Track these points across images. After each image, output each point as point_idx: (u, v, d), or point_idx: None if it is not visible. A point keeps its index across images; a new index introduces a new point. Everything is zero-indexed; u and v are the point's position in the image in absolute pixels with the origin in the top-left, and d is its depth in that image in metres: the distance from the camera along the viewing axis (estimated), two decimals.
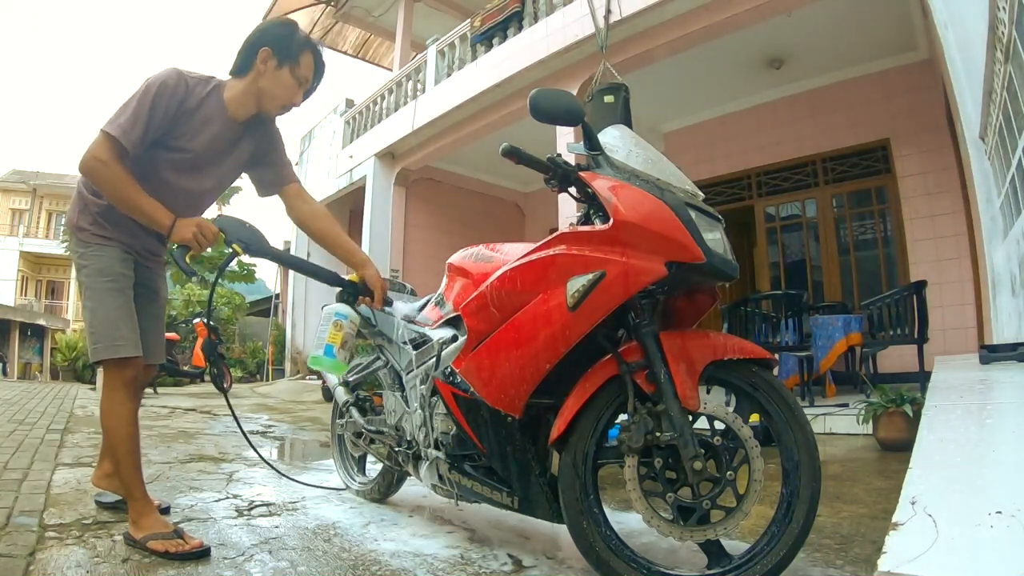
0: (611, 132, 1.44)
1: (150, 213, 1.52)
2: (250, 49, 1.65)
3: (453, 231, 9.21)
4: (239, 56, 1.67)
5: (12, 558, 1.41)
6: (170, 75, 1.57)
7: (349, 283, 1.76)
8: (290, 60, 1.65)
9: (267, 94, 1.67)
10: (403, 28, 9.48)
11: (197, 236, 1.52)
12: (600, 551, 1.27)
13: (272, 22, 1.71)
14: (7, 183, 25.19)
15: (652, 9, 5.05)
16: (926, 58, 5.71)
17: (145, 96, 1.51)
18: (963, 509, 0.93)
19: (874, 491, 2.22)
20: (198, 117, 1.61)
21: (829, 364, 4.39)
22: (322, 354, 1.66)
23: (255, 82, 1.66)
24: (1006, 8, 2.45)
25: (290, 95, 1.69)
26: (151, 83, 1.54)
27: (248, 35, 1.67)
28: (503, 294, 1.39)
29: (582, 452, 1.32)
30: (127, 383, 1.59)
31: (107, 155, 1.47)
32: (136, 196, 1.51)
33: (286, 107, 1.71)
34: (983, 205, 3.43)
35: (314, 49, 1.71)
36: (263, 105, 1.69)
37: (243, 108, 1.68)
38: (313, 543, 1.65)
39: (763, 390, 1.31)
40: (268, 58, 1.64)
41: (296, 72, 1.67)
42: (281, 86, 1.66)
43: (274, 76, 1.65)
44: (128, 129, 1.48)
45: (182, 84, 1.57)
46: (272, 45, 1.63)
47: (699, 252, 1.24)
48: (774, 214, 6.99)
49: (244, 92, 1.66)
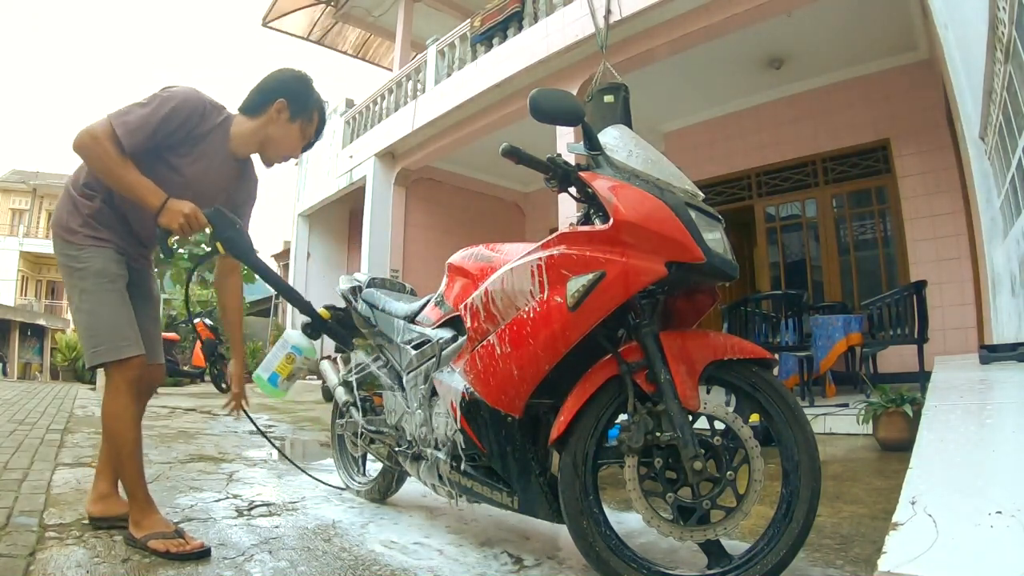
0: (611, 132, 1.44)
1: (140, 191, 1.49)
2: (267, 94, 1.66)
3: (453, 231, 9.21)
4: (254, 96, 1.68)
5: (12, 558, 1.41)
6: (192, 94, 1.57)
7: (319, 317, 1.72)
8: (303, 116, 1.70)
9: (273, 142, 1.69)
10: (403, 28, 9.49)
11: (183, 225, 1.50)
12: (600, 551, 1.27)
13: (293, 74, 1.73)
14: (7, 183, 25.20)
15: (652, 9, 5.05)
16: (926, 58, 5.70)
17: (162, 106, 1.50)
18: (963, 509, 0.93)
19: (874, 491, 2.22)
20: (202, 145, 1.61)
21: (829, 364, 4.39)
22: (266, 378, 1.64)
23: (264, 127, 1.67)
24: (1006, 8, 2.45)
25: (294, 148, 1.73)
26: (173, 95, 1.53)
27: (266, 78, 1.70)
28: (503, 294, 1.39)
29: (582, 452, 1.32)
30: (131, 384, 1.56)
31: (103, 136, 1.45)
32: (126, 173, 1.48)
33: (286, 158, 1.75)
34: (983, 205, 3.44)
35: (321, 109, 1.76)
36: (266, 151, 1.71)
37: (245, 147, 1.70)
38: (313, 543, 1.65)
39: (763, 390, 1.31)
40: (283, 109, 1.66)
41: (305, 128, 1.72)
42: (289, 138, 1.70)
43: (285, 127, 1.68)
44: (133, 130, 1.47)
45: (200, 107, 1.57)
46: (290, 98, 1.66)
47: (699, 252, 1.24)
48: (774, 214, 6.99)
49: (252, 133, 1.67)
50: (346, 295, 2.13)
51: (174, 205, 1.50)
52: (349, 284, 2.15)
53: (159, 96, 1.52)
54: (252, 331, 14.24)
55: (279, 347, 1.61)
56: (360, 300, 2.06)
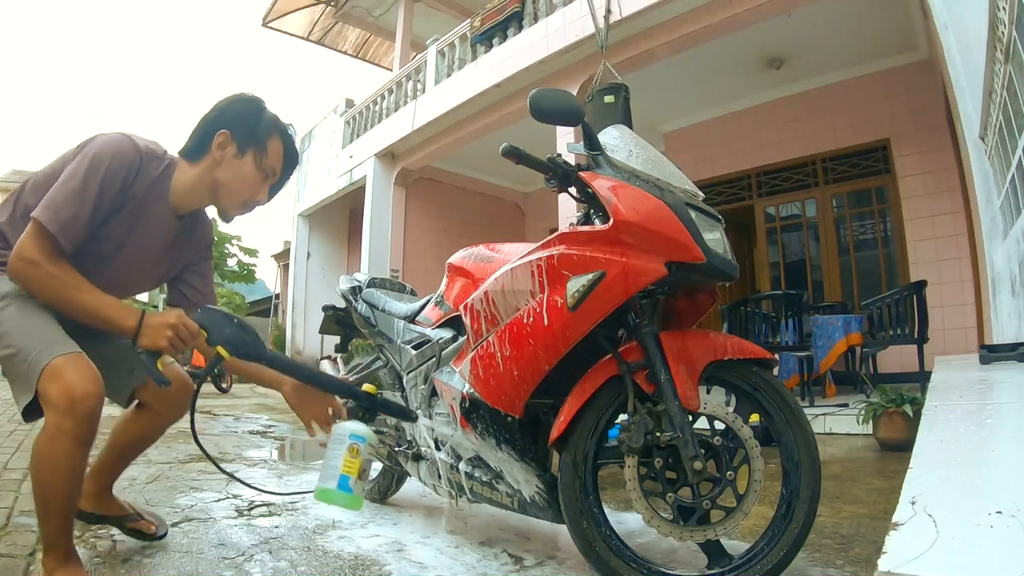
0: (611, 132, 1.44)
1: (106, 313, 1.20)
2: (207, 128, 1.35)
3: (453, 231, 9.22)
4: (193, 136, 1.36)
5: (12, 558, 1.42)
6: (122, 146, 1.26)
7: (365, 395, 1.42)
8: (254, 146, 1.35)
9: (225, 187, 1.36)
10: (403, 28, 9.49)
11: (174, 340, 1.20)
12: (600, 551, 1.27)
13: (235, 97, 1.38)
14: (7, 183, 25.19)
15: (652, 9, 5.05)
16: (926, 58, 5.71)
17: (93, 177, 1.20)
18: (963, 509, 0.93)
19: (874, 491, 2.22)
20: (137, 203, 1.29)
21: (829, 364, 4.39)
22: (335, 487, 1.27)
23: (210, 171, 1.35)
24: (1006, 8, 2.45)
25: (252, 190, 1.38)
26: (100, 158, 1.22)
27: (207, 112, 1.37)
28: (503, 294, 1.39)
29: (582, 452, 1.32)
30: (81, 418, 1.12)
31: (38, 254, 1.16)
32: (83, 296, 1.19)
33: (247, 205, 1.40)
34: (983, 205, 3.44)
35: (284, 133, 1.41)
36: (220, 200, 1.39)
37: (191, 199, 1.38)
38: (313, 543, 1.65)
39: (763, 390, 1.31)
40: (227, 142, 1.33)
41: (261, 162, 1.37)
42: (242, 178, 1.36)
43: (234, 166, 1.35)
44: (68, 221, 1.17)
45: (134, 161, 1.27)
46: (232, 127, 1.33)
47: (699, 252, 1.24)
48: (774, 214, 6.99)
49: (196, 181, 1.36)
50: (346, 295, 2.13)
51: (153, 320, 1.20)
52: (349, 284, 2.15)
53: (84, 164, 1.21)
54: None
55: (335, 445, 1.30)
56: (360, 300, 2.06)
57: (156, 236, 1.37)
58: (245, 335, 1.29)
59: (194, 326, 1.23)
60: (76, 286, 1.19)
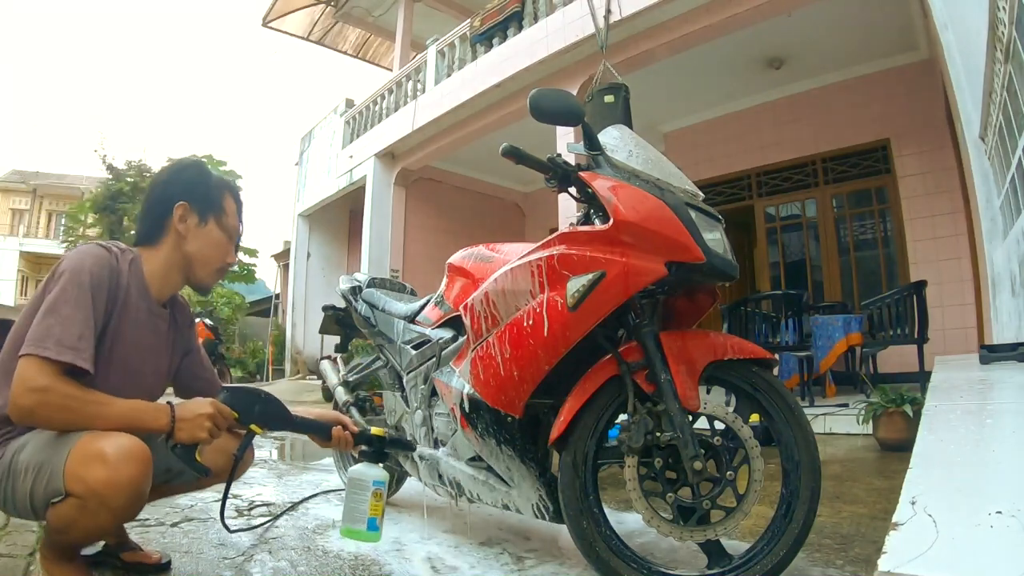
0: (611, 132, 1.44)
1: (136, 418, 1.12)
2: (160, 208, 1.29)
3: (453, 231, 9.22)
4: (144, 220, 1.31)
5: (12, 558, 1.41)
6: (92, 249, 1.19)
7: (376, 438, 1.44)
8: (212, 211, 1.32)
9: (198, 259, 1.32)
10: (403, 28, 9.49)
11: (212, 430, 1.15)
12: (600, 551, 1.27)
13: (177, 168, 1.35)
14: (7, 183, 25.22)
15: (652, 9, 5.05)
16: (926, 58, 5.71)
17: (81, 289, 1.12)
18: (963, 509, 0.93)
19: (874, 491, 2.22)
20: (121, 302, 1.22)
21: (829, 364, 4.39)
22: (364, 529, 1.32)
23: (178, 248, 1.30)
24: (1006, 8, 2.45)
25: (223, 254, 1.36)
26: (79, 269, 1.13)
27: (149, 193, 1.33)
28: (503, 294, 1.39)
29: (582, 452, 1.32)
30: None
31: (46, 378, 1.05)
32: (106, 409, 1.10)
33: (221, 271, 1.37)
34: (983, 205, 3.44)
35: (231, 188, 1.38)
36: (194, 275, 1.34)
37: (167, 283, 1.32)
38: (313, 543, 1.65)
39: (763, 390, 1.31)
40: (186, 214, 1.29)
41: (224, 223, 1.34)
42: (212, 245, 1.33)
43: (200, 235, 1.31)
44: (74, 343, 1.08)
45: (110, 258, 1.20)
46: (187, 197, 1.29)
47: (699, 252, 1.24)
48: (774, 214, 6.99)
49: (166, 263, 1.30)
50: (346, 295, 2.13)
51: (187, 412, 1.13)
52: (349, 284, 2.15)
53: (65, 279, 1.12)
54: (252, 331, 14.26)
55: (357, 491, 1.32)
56: (360, 300, 2.06)
57: (151, 330, 1.30)
58: (272, 408, 1.27)
59: (228, 411, 1.18)
60: (94, 400, 1.10)
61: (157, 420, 1.12)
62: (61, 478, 1.05)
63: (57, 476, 1.05)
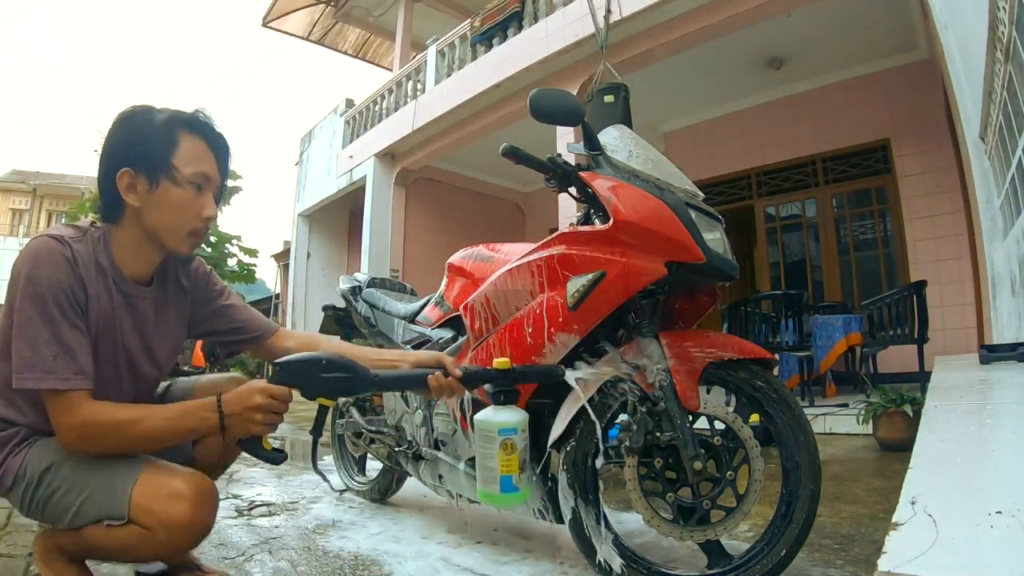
0: (611, 132, 1.44)
1: (182, 425, 1.05)
2: (105, 182, 1.09)
3: (453, 231, 9.21)
4: (100, 199, 1.13)
5: (12, 558, 1.42)
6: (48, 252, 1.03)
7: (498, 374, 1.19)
8: (163, 168, 1.08)
9: (162, 229, 1.11)
10: (403, 28, 9.49)
11: (271, 419, 1.04)
12: (600, 551, 1.27)
13: (112, 128, 1.10)
14: (7, 183, 25.21)
15: (652, 9, 5.04)
16: (926, 58, 5.71)
17: (43, 301, 1.00)
18: (963, 509, 0.93)
19: (874, 491, 2.22)
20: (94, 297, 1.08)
21: (829, 364, 4.39)
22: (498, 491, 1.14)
23: (137, 222, 1.11)
24: (1006, 8, 2.45)
25: (191, 213, 1.11)
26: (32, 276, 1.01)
27: (98, 164, 1.11)
28: (503, 294, 1.39)
29: (582, 452, 1.33)
30: None
31: (74, 416, 1.00)
32: (148, 423, 1.04)
33: (195, 233, 1.14)
34: (983, 205, 3.44)
35: (189, 123, 1.11)
36: (166, 243, 1.13)
37: (141, 261, 1.15)
38: (313, 543, 1.65)
39: (763, 390, 1.31)
40: (133, 180, 1.08)
41: (181, 176, 1.09)
42: (173, 209, 1.10)
43: (155, 201, 1.09)
44: (64, 365, 1.00)
45: (64, 250, 1.04)
46: (128, 161, 1.08)
47: (699, 252, 1.24)
48: (774, 214, 6.99)
49: (131, 240, 1.13)
50: (346, 295, 2.13)
51: (234, 407, 1.03)
52: (349, 284, 2.15)
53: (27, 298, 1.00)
54: None
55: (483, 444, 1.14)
56: (360, 300, 2.06)
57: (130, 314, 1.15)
58: (340, 372, 1.08)
59: (283, 391, 1.05)
60: (131, 419, 1.03)
61: (206, 421, 1.04)
62: (126, 506, 1.02)
63: (120, 503, 1.02)
